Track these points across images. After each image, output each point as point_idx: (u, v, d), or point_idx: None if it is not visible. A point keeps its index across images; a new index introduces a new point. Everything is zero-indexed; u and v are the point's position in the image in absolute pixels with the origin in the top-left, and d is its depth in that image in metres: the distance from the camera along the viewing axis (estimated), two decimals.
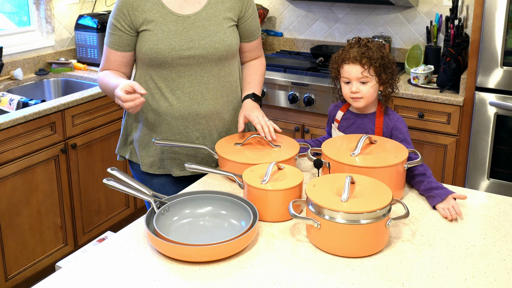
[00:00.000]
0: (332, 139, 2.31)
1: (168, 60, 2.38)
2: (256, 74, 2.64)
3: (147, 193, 1.99)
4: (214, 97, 2.47)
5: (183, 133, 2.47)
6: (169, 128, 2.47)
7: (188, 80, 2.42)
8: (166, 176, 2.57)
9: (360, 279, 1.67)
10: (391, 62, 2.34)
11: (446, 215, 2.03)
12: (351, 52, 2.31)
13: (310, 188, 1.90)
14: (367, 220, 1.76)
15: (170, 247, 1.73)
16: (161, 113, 2.45)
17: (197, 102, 2.44)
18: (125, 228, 1.97)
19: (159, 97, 2.44)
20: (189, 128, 2.46)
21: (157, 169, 2.54)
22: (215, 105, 2.47)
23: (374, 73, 2.29)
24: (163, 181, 2.57)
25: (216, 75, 2.46)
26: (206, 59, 2.42)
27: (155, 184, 2.57)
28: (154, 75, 2.43)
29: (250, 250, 1.82)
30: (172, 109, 2.43)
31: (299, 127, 4.16)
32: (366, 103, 2.34)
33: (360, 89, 2.30)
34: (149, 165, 2.53)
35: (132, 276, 1.68)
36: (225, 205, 2.00)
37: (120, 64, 2.48)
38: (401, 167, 2.09)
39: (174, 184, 2.55)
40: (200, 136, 2.49)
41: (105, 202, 4.04)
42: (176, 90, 2.43)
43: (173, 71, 2.41)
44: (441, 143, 3.74)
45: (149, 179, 2.58)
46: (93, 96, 3.77)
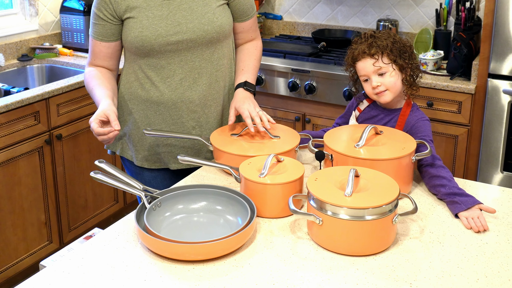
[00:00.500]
0: (335, 129, 2.31)
1: (155, 47, 2.38)
2: (250, 59, 2.63)
3: (138, 187, 1.99)
4: (208, 82, 2.46)
5: (177, 123, 2.47)
6: (163, 118, 2.46)
7: (178, 66, 2.42)
8: (161, 170, 2.56)
9: (365, 279, 1.67)
10: (406, 45, 2.32)
11: (469, 226, 1.94)
12: (359, 48, 2.30)
13: (312, 181, 1.90)
14: (372, 216, 1.75)
15: (162, 245, 1.73)
16: (152, 104, 2.45)
17: (190, 89, 2.44)
18: (114, 224, 1.97)
19: (149, 87, 2.44)
20: (184, 117, 2.46)
21: (153, 163, 2.54)
22: (209, 91, 2.47)
23: (389, 61, 2.27)
24: (157, 175, 2.57)
25: (208, 59, 2.46)
26: (196, 43, 2.41)
27: (148, 178, 2.57)
28: (143, 64, 2.43)
29: (247, 248, 1.81)
30: (163, 98, 2.43)
31: (299, 117, 4.15)
32: (393, 95, 2.30)
33: (380, 81, 2.27)
34: (144, 159, 2.53)
35: (121, 276, 1.68)
36: (220, 200, 1.99)
37: (106, 55, 2.48)
38: (409, 159, 2.09)
39: (169, 179, 2.55)
40: (196, 125, 2.49)
41: (93, 197, 4.04)
42: (167, 78, 2.42)
43: (162, 58, 2.40)
44: (452, 133, 3.74)
45: (141, 173, 2.58)
46: (79, 83, 3.76)
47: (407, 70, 2.31)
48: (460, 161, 3.78)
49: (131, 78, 2.48)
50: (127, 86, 2.50)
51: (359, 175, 1.93)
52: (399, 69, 2.29)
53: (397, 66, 2.29)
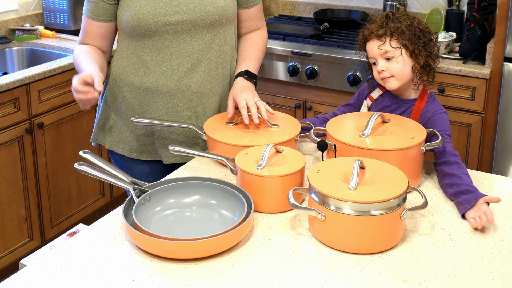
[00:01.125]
0: (338, 117, 2.31)
1: (152, 27, 2.37)
2: (254, 49, 2.62)
3: (125, 179, 1.99)
4: (207, 69, 2.45)
5: (172, 113, 2.46)
6: (156, 107, 2.46)
7: (176, 50, 2.41)
8: (154, 165, 2.56)
9: (370, 279, 1.67)
10: (424, 30, 2.28)
11: (476, 225, 1.91)
12: (371, 27, 2.29)
13: (313, 174, 1.89)
14: (379, 211, 1.76)
15: (152, 242, 1.73)
16: (145, 90, 2.44)
17: (187, 75, 2.43)
18: (100, 220, 1.97)
19: (143, 72, 2.43)
20: (179, 106, 2.46)
21: (148, 155, 2.54)
22: (208, 79, 2.46)
23: (398, 45, 2.24)
24: (149, 172, 2.56)
25: (208, 44, 2.45)
26: (196, 25, 2.40)
27: (139, 175, 2.57)
28: (138, 47, 2.42)
29: (244, 246, 1.82)
30: (158, 84, 2.42)
31: (300, 104, 4.15)
32: (399, 83, 2.29)
33: (385, 66, 2.26)
34: (137, 150, 2.53)
35: (108, 276, 1.68)
36: (215, 194, 1.99)
37: (97, 36, 2.47)
38: (418, 149, 2.09)
39: (161, 177, 2.55)
40: (192, 116, 2.49)
41: (77, 190, 4.04)
42: (163, 62, 2.42)
43: (158, 40, 2.39)
44: (465, 122, 3.74)
45: (132, 168, 2.57)
46: (62, 67, 3.75)
47: (420, 58, 2.28)
48: (473, 152, 3.79)
49: (124, 63, 2.47)
50: (118, 72, 2.49)
51: (365, 167, 1.93)
52: (410, 55, 2.26)
53: (407, 52, 2.26)
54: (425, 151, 2.12)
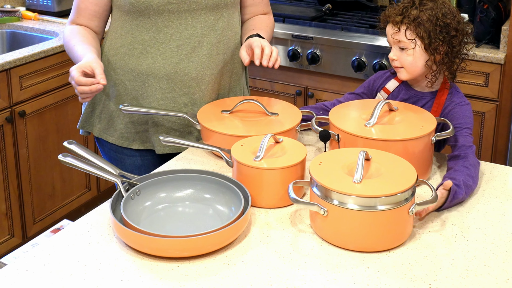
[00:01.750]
0: (342, 106, 2.31)
1: (153, 4, 2.36)
2: (262, 25, 2.61)
3: (113, 172, 1.99)
4: (208, 54, 2.45)
5: (168, 98, 2.46)
6: (151, 92, 2.46)
7: (176, 31, 2.41)
8: (146, 157, 2.56)
9: (376, 278, 1.67)
10: (451, 26, 2.22)
11: None
12: (390, 11, 2.25)
13: (315, 166, 1.89)
14: (385, 205, 1.76)
15: (141, 239, 1.73)
16: (141, 73, 2.43)
17: (187, 59, 2.42)
18: (86, 215, 1.97)
19: (139, 53, 2.43)
20: (176, 91, 2.46)
21: (140, 143, 2.53)
22: (208, 64, 2.46)
23: (414, 36, 2.21)
24: (141, 164, 2.56)
25: (211, 27, 2.45)
26: (200, 5, 2.40)
27: (130, 168, 2.57)
28: (135, 27, 2.42)
29: (240, 243, 1.82)
30: (155, 66, 2.42)
31: (301, 91, 4.15)
32: (409, 75, 2.28)
33: (397, 55, 2.25)
34: (129, 138, 2.52)
35: (94, 276, 1.68)
36: (209, 187, 2.00)
37: (91, 13, 2.47)
38: (428, 140, 2.09)
39: (154, 166, 2.54)
40: (189, 103, 2.48)
41: (61, 184, 4.04)
42: (162, 43, 2.41)
43: (158, 20, 2.39)
44: (478, 110, 3.74)
45: (122, 159, 2.57)
46: (46, 52, 3.74)
47: (437, 56, 2.24)
48: (487, 142, 3.79)
49: (117, 43, 2.46)
50: (111, 53, 2.48)
51: (370, 158, 1.93)
52: (425, 49, 2.22)
53: (423, 45, 2.22)
54: (435, 141, 2.11)
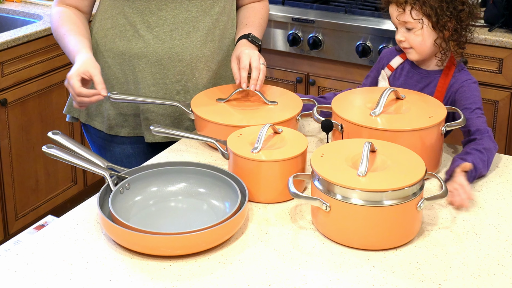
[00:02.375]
0: (345, 93, 2.30)
1: None
2: (256, 17, 2.62)
3: (101, 164, 1.99)
4: (203, 39, 2.45)
5: (159, 84, 2.46)
6: (142, 76, 2.46)
7: (171, 14, 2.41)
8: (137, 145, 2.56)
9: (382, 278, 1.67)
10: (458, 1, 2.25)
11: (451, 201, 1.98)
12: None
13: (317, 158, 1.89)
14: (392, 200, 1.76)
15: (131, 236, 1.73)
16: (132, 57, 2.43)
17: (181, 44, 2.43)
18: (72, 211, 1.96)
19: (131, 36, 2.43)
20: (168, 77, 2.46)
21: (131, 130, 2.53)
22: (203, 50, 2.46)
23: (420, 16, 2.23)
24: (131, 153, 2.56)
25: (207, 11, 2.45)
26: None
27: (119, 156, 2.57)
28: (127, 8, 2.41)
29: (237, 241, 1.82)
30: (147, 50, 2.42)
31: (301, 78, 4.15)
32: (419, 56, 2.30)
33: (405, 36, 2.27)
34: (118, 125, 2.52)
35: (81, 275, 1.68)
36: (203, 181, 2.00)
37: None
38: (437, 130, 2.09)
39: (144, 159, 2.54)
40: (182, 90, 2.49)
41: (45, 177, 4.04)
42: (155, 26, 2.41)
43: (152, 1, 2.39)
44: (491, 98, 3.74)
45: (111, 148, 2.57)
46: (29, 36, 3.73)
47: (446, 33, 2.26)
48: (501, 132, 3.79)
49: (107, 25, 2.46)
50: (101, 35, 2.48)
51: (376, 150, 1.93)
52: (433, 27, 2.24)
53: (430, 23, 2.24)
54: (444, 132, 2.11)
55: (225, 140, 2.09)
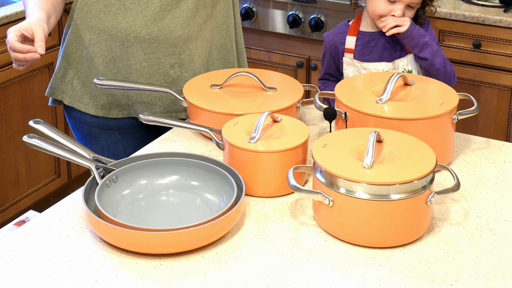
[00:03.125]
0: (350, 79, 2.31)
1: None
2: None
3: (86, 155, 1.98)
4: (194, 7, 2.46)
5: (152, 60, 2.47)
6: (132, 53, 2.46)
7: None
8: (126, 128, 2.56)
9: (389, 278, 1.67)
10: None
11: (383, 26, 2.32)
12: None
13: (319, 148, 1.89)
14: (400, 194, 1.75)
15: (119, 233, 1.73)
16: (119, 32, 2.43)
17: (171, 15, 2.43)
18: (55, 206, 1.96)
19: (117, 9, 2.42)
20: (160, 52, 2.46)
21: (119, 111, 2.54)
22: (195, 19, 2.47)
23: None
24: (119, 138, 2.56)
25: None
26: None
27: (106, 144, 2.56)
28: None
29: (233, 238, 1.82)
30: (135, 25, 2.42)
31: (302, 62, 4.15)
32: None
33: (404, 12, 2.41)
34: (106, 107, 2.52)
35: (65, 275, 1.68)
36: (197, 173, 2.00)
37: None
38: (449, 118, 2.09)
39: (137, 142, 2.54)
40: (176, 64, 2.49)
41: (26, 169, 4.04)
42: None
43: None
44: (505, 84, 3.74)
45: (98, 135, 2.56)
46: (8, 17, 3.73)
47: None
48: None
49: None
50: (84, 10, 2.47)
51: (382, 140, 1.92)
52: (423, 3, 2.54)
53: None
54: (457, 120, 2.11)
55: (220, 129, 2.09)
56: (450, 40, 3.79)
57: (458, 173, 2.10)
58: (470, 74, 3.79)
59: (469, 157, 2.20)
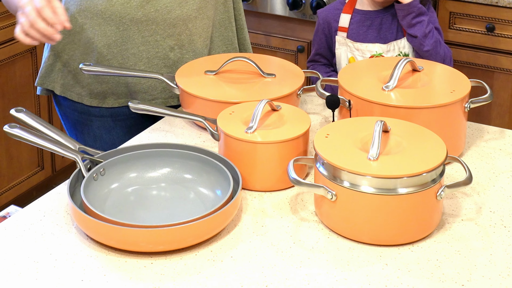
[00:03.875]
0: (354, 65, 2.31)
1: None
2: None
3: (71, 147, 1.98)
4: None
5: (149, 42, 2.47)
6: (128, 36, 2.46)
7: None
8: (121, 115, 2.56)
9: (397, 278, 1.67)
10: None
11: None
12: None
13: (321, 139, 1.89)
14: (407, 188, 1.76)
15: (107, 229, 1.73)
16: (113, 15, 2.42)
17: None
18: (38, 200, 1.96)
19: None
20: (159, 33, 2.46)
21: (116, 99, 2.54)
22: None
23: None
24: (113, 126, 2.56)
25: None
26: None
27: (98, 132, 2.56)
28: None
29: (229, 235, 1.82)
30: (130, 6, 2.42)
31: (303, 46, 4.15)
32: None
33: None
34: (101, 95, 2.52)
35: (49, 275, 1.68)
36: (190, 166, 2.00)
37: None
38: (461, 107, 2.09)
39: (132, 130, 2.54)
40: (176, 46, 2.49)
41: (7, 161, 4.04)
42: None
43: None
44: None
45: (89, 122, 2.57)
46: None
47: None
48: None
49: None
50: None
51: (389, 130, 1.93)
52: None
53: None
54: (469, 109, 2.11)
55: (215, 119, 2.09)
56: (462, 23, 3.78)
57: (470, 166, 2.10)
58: (483, 59, 3.78)
59: (482, 148, 2.21)
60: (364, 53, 2.58)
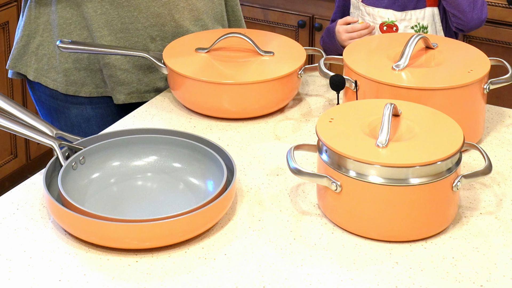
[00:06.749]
0: (360, 41, 2.31)
1: None
2: None
3: (48, 132, 1.99)
4: None
5: (129, 30, 2.48)
6: (106, 21, 2.46)
7: None
8: (100, 103, 2.57)
9: (408, 278, 1.67)
10: None
11: None
12: None
13: (325, 124, 1.89)
14: (420, 178, 1.75)
15: (87, 224, 1.73)
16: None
17: None
18: (10, 192, 1.97)
19: None
20: (140, 21, 2.47)
21: (93, 89, 2.54)
22: None
23: None
24: (93, 115, 2.56)
25: None
26: None
27: (77, 120, 2.56)
28: None
29: (222, 230, 1.82)
30: None
31: (305, 21, 4.15)
32: None
33: None
34: (78, 83, 2.52)
35: (22, 274, 1.68)
36: (179, 154, 2.01)
37: None
38: (479, 88, 2.10)
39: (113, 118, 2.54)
40: (157, 37, 2.51)
41: None
42: None
43: None
44: None
45: (66, 110, 2.56)
46: None
47: None
48: None
49: None
50: None
51: (400, 114, 1.93)
52: None
53: None
54: (488, 90, 2.12)
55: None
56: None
57: (490, 153, 2.10)
58: (504, 35, 3.79)
59: (502, 134, 2.21)
60: (375, 19, 2.58)
